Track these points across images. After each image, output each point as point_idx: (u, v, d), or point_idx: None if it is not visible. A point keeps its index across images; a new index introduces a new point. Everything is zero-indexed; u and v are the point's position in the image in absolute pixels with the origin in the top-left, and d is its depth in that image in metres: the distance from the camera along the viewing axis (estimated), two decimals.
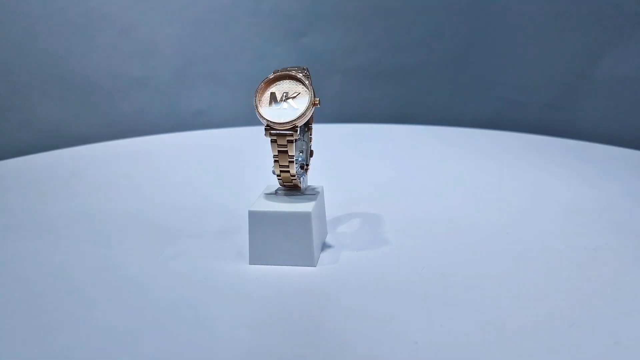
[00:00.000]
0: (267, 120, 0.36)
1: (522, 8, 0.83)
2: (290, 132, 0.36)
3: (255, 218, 0.37)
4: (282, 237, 0.37)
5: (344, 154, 0.70)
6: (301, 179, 0.40)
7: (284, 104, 0.37)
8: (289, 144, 0.37)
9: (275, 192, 0.40)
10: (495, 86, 0.88)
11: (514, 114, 0.88)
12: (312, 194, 0.40)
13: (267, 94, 0.37)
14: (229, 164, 0.65)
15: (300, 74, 0.38)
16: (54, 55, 0.79)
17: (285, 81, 0.38)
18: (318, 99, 0.37)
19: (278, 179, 0.39)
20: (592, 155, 0.67)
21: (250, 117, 0.38)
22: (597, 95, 0.82)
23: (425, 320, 0.31)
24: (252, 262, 0.38)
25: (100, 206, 0.50)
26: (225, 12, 0.85)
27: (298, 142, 0.39)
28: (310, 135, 0.41)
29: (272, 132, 0.37)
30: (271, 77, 0.38)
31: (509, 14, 0.84)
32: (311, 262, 0.37)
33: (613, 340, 0.29)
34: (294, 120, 0.36)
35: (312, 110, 0.37)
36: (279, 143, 0.37)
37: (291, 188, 0.40)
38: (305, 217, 0.37)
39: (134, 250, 0.41)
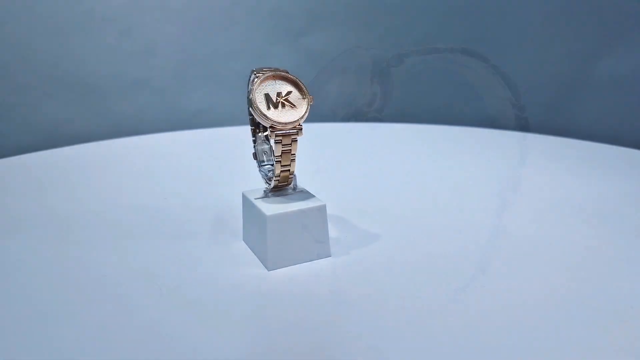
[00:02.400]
0: (272, 121, 0.37)
1: (522, 8, 0.83)
2: (296, 131, 0.37)
3: (275, 222, 0.37)
4: (300, 235, 0.38)
5: (339, 152, 0.70)
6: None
7: (280, 104, 0.37)
8: (293, 143, 0.37)
9: (267, 195, 0.40)
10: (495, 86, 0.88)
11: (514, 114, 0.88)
12: (302, 190, 0.41)
13: (261, 95, 0.37)
14: (229, 163, 0.65)
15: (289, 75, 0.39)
16: (54, 55, 0.79)
17: (274, 81, 0.38)
18: (312, 97, 0.38)
19: (275, 180, 0.39)
20: (592, 155, 0.67)
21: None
22: (597, 95, 0.82)
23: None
24: (271, 268, 0.37)
25: (100, 206, 0.50)
26: (225, 12, 0.85)
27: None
28: None
29: (277, 132, 0.37)
30: (269, 75, 0.38)
31: (509, 14, 0.84)
32: (327, 252, 0.39)
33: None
34: (298, 120, 0.37)
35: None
36: (283, 143, 0.37)
37: (281, 188, 0.40)
38: (322, 209, 0.38)
39: (136, 252, 0.41)
